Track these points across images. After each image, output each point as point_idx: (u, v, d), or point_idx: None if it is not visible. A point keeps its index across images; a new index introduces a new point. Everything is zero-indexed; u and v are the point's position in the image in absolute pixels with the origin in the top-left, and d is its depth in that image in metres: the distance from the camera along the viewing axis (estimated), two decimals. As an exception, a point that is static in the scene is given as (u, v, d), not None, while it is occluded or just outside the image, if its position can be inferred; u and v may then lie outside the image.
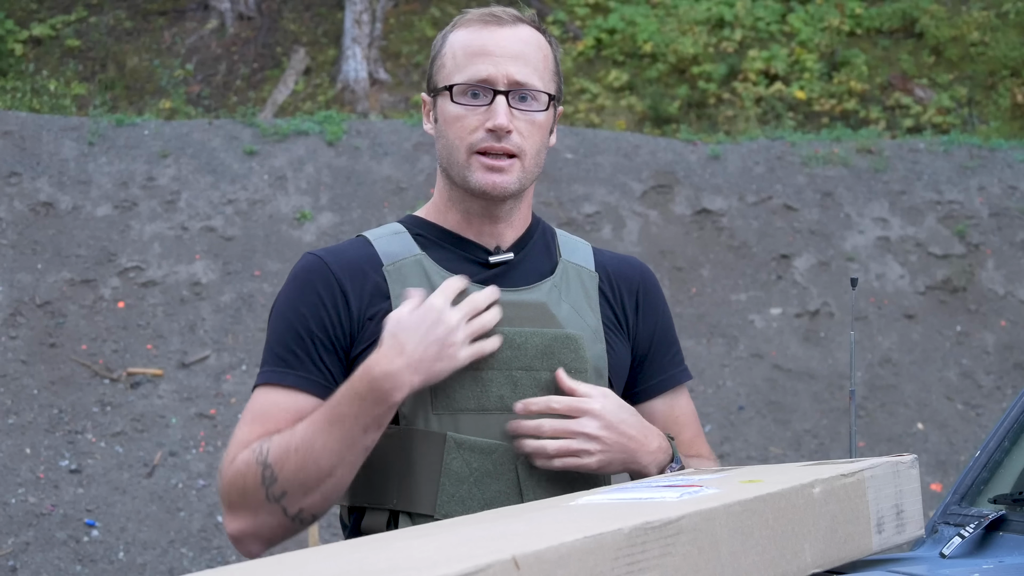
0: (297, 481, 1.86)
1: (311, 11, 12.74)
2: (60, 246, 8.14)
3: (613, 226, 8.73)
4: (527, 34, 2.00)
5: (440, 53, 2.02)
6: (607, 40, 12.09)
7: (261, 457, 1.88)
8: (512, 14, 2.01)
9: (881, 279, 8.63)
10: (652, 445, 1.97)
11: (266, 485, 1.87)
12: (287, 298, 1.99)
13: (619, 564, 1.34)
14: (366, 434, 1.85)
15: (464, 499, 1.91)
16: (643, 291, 2.13)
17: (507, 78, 1.96)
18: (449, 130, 1.98)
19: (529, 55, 1.99)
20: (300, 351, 1.95)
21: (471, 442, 1.92)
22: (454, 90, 1.97)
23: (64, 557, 6.48)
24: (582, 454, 1.92)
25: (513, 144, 1.96)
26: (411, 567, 1.30)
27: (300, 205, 8.62)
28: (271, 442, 1.88)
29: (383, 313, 1.95)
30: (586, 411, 1.93)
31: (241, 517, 1.91)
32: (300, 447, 1.86)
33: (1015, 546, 1.95)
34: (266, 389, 1.96)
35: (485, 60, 1.96)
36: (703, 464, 2.11)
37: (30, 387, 7.37)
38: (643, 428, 1.97)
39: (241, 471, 1.90)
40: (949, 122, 11.04)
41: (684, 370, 2.17)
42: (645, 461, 1.96)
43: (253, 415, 1.95)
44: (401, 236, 2.03)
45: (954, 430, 7.75)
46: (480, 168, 1.96)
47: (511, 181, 1.97)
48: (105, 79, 11.64)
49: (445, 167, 2.02)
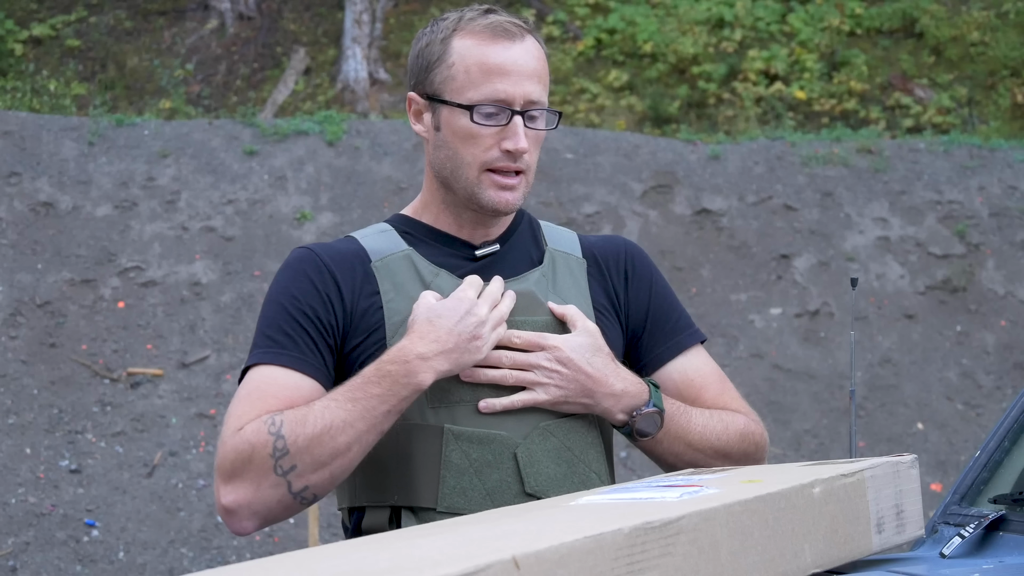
0: (310, 455, 1.84)
1: (311, 11, 12.74)
2: (60, 246, 8.14)
3: (613, 226, 8.73)
4: (532, 46, 2.01)
5: (445, 60, 1.99)
6: (607, 40, 12.09)
7: (274, 428, 1.84)
8: (517, 25, 2.01)
9: (881, 279, 8.63)
10: (615, 387, 1.96)
11: (276, 457, 1.84)
12: (280, 284, 1.99)
13: (619, 564, 1.34)
14: (387, 417, 1.86)
15: (466, 490, 1.92)
16: (629, 263, 2.14)
17: (524, 98, 1.97)
18: (461, 146, 1.98)
19: (540, 72, 2.00)
20: (294, 333, 1.94)
21: (469, 433, 1.93)
22: (474, 111, 1.96)
23: (64, 557, 6.48)
24: (536, 386, 1.94)
25: (524, 163, 1.99)
26: (411, 567, 1.30)
27: (300, 205, 8.62)
28: (284, 415, 1.85)
29: (375, 308, 1.96)
30: (544, 345, 1.95)
31: (240, 488, 1.86)
32: (317, 422, 1.84)
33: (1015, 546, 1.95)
34: (260, 368, 1.93)
35: (503, 80, 1.96)
36: (724, 418, 2.07)
37: (30, 387, 7.37)
38: (607, 369, 1.97)
39: (250, 440, 1.85)
40: (949, 122, 11.05)
41: (692, 332, 2.15)
42: (607, 404, 1.96)
43: (249, 391, 1.91)
44: (388, 234, 2.05)
45: (954, 430, 7.76)
46: (492, 186, 1.98)
47: (519, 197, 2.01)
48: (105, 79, 11.64)
49: (447, 177, 2.02)
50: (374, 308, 1.96)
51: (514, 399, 1.94)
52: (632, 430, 1.99)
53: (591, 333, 1.98)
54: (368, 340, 1.95)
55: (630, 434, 2.01)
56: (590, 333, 1.98)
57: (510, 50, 1.98)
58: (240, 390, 1.93)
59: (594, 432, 2.02)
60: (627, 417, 1.98)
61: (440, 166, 2.02)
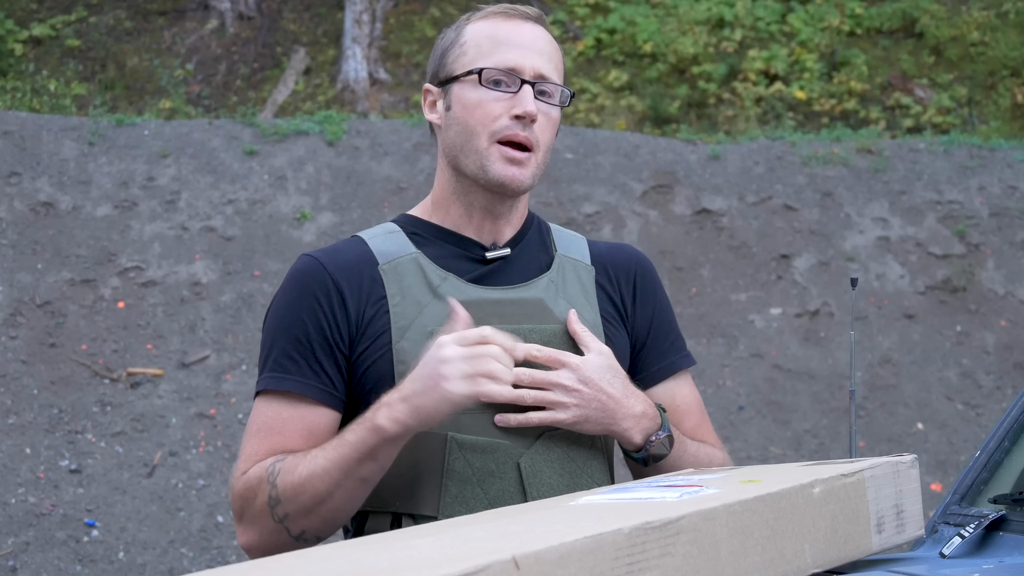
0: (297, 503, 1.87)
1: (311, 11, 12.74)
2: (60, 246, 8.14)
3: (613, 226, 8.73)
4: (544, 33, 2.03)
5: (457, 43, 2.01)
6: (607, 40, 12.09)
7: (271, 477, 1.89)
8: (533, 12, 2.03)
9: (881, 279, 8.63)
10: (635, 409, 1.93)
11: (272, 505, 1.88)
12: (283, 302, 1.99)
13: (619, 564, 1.34)
14: (361, 465, 1.84)
15: (468, 499, 1.91)
16: (639, 277, 2.12)
17: (534, 69, 1.97)
18: (470, 116, 1.97)
19: (551, 53, 2.01)
20: (298, 356, 1.94)
21: (472, 442, 1.92)
22: (483, 74, 1.96)
23: (64, 557, 6.48)
24: (557, 406, 1.90)
25: (533, 135, 1.96)
26: (411, 567, 1.30)
27: (300, 205, 8.62)
28: (283, 464, 1.89)
29: (381, 312, 1.95)
30: (565, 363, 1.91)
31: (250, 531, 1.92)
32: (303, 470, 1.86)
33: (1015, 546, 1.95)
34: (267, 397, 1.96)
35: (513, 49, 1.97)
36: (708, 452, 2.08)
37: (30, 387, 7.37)
38: (627, 391, 1.94)
39: (252, 487, 1.91)
40: (949, 122, 11.04)
41: (685, 356, 2.15)
42: (626, 424, 1.93)
43: (259, 426, 1.95)
44: (396, 235, 2.03)
45: (954, 430, 7.75)
46: (500, 159, 1.96)
47: (527, 175, 1.97)
48: (105, 79, 11.64)
49: (456, 155, 2.00)
50: (381, 312, 1.95)
51: (531, 417, 1.91)
52: (648, 455, 1.97)
53: (606, 354, 1.95)
54: (374, 344, 1.95)
55: (643, 460, 1.98)
56: (605, 354, 1.95)
57: (521, 27, 2.00)
58: (250, 423, 1.97)
59: (597, 443, 2.01)
60: (644, 441, 1.96)
61: (451, 146, 2.01)
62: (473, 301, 1.96)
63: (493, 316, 1.95)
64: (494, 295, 1.99)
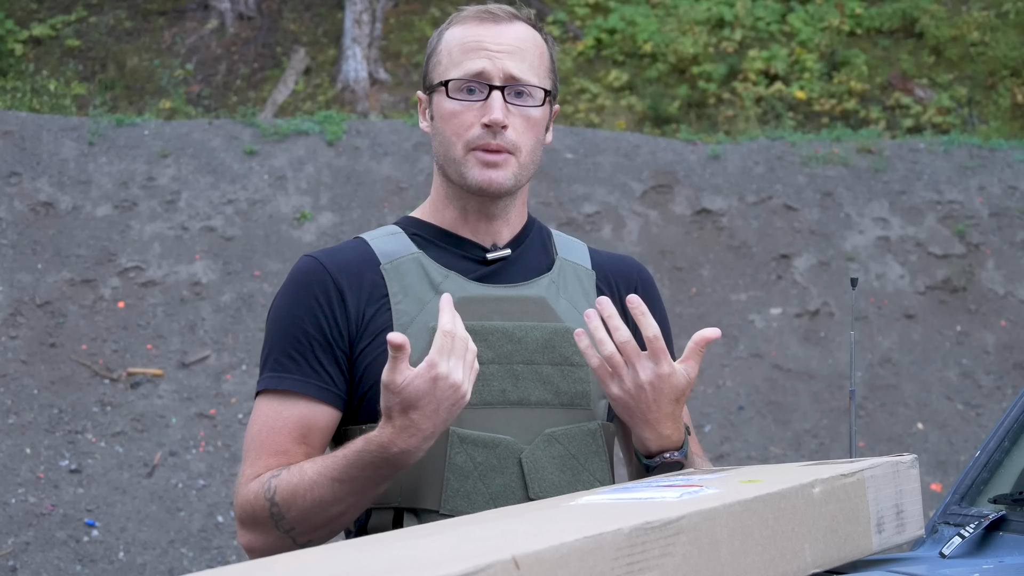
0: (306, 521, 1.88)
1: (311, 11, 12.74)
2: (60, 246, 8.14)
3: (613, 226, 8.73)
4: (523, 31, 2.01)
5: (436, 50, 2.03)
6: (607, 40, 12.09)
7: (269, 495, 1.89)
8: (508, 11, 2.02)
9: (881, 279, 8.63)
10: (665, 431, 1.92)
11: (275, 520, 1.90)
12: (284, 302, 2.00)
13: (619, 564, 1.34)
14: (377, 487, 1.86)
15: (469, 494, 1.92)
16: (641, 289, 2.12)
17: (503, 73, 1.96)
18: (445, 127, 1.98)
19: (525, 51, 1.99)
20: (298, 355, 1.96)
21: (474, 436, 1.92)
22: (449, 86, 1.97)
23: (64, 557, 6.48)
24: (615, 379, 1.88)
25: (508, 141, 1.96)
26: (411, 567, 1.30)
27: (300, 205, 8.62)
28: (279, 479, 1.89)
29: (383, 310, 1.96)
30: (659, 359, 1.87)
31: (253, 536, 1.94)
32: (307, 494, 1.86)
33: (1015, 546, 1.95)
34: (267, 397, 1.97)
35: (480, 55, 1.96)
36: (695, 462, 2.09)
37: (30, 387, 7.37)
38: (676, 416, 1.92)
39: (251, 501, 1.92)
40: (949, 122, 11.04)
41: None
42: (648, 435, 1.92)
43: (259, 429, 1.96)
44: (398, 236, 2.04)
45: (954, 430, 7.75)
46: (477, 164, 1.96)
47: (507, 177, 1.97)
48: (105, 79, 11.64)
49: (442, 164, 2.02)
50: (383, 311, 1.96)
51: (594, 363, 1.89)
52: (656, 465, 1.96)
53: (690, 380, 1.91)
54: (375, 342, 1.95)
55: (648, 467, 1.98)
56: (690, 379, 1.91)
57: (491, 29, 1.99)
58: (251, 423, 1.98)
59: (599, 441, 2.02)
60: (656, 452, 1.95)
61: (437, 156, 2.03)
62: (475, 298, 1.97)
63: (495, 313, 1.97)
64: (496, 292, 2.00)
